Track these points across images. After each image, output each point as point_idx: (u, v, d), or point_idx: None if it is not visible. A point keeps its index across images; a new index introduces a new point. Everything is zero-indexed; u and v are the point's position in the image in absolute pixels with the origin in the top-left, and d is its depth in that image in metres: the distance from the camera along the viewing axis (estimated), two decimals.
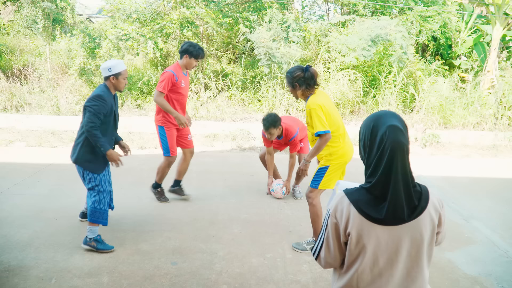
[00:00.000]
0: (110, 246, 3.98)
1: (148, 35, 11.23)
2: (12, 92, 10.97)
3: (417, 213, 1.60)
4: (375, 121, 1.64)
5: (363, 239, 1.62)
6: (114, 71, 3.93)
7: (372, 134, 1.63)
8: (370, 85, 11.64)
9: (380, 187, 1.58)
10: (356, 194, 1.65)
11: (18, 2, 14.43)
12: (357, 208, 1.61)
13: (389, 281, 1.65)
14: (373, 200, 1.61)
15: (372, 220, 1.59)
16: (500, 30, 11.50)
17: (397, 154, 1.55)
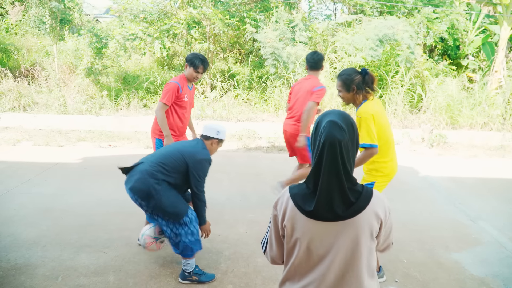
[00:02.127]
0: (212, 275, 3.63)
1: (155, 35, 11.26)
2: (20, 92, 11.05)
3: (354, 211, 1.57)
4: (322, 117, 1.64)
5: (296, 231, 1.62)
6: (221, 137, 3.64)
7: (315, 131, 1.63)
8: (377, 85, 11.58)
9: (312, 181, 1.58)
10: (296, 189, 1.65)
11: (25, 2, 14.53)
12: (293, 201, 1.62)
13: (323, 278, 1.62)
14: (308, 194, 1.60)
15: (303, 212, 1.59)
16: (508, 30, 11.43)
17: (328, 148, 1.53)
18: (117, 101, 11.27)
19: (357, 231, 1.58)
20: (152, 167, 3.33)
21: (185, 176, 3.44)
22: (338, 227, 1.58)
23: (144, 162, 3.42)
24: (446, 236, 4.66)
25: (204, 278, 3.54)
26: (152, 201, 3.27)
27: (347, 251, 1.59)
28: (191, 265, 3.51)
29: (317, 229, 1.59)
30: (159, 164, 3.35)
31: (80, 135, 8.66)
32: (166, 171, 3.34)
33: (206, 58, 4.54)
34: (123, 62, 12.21)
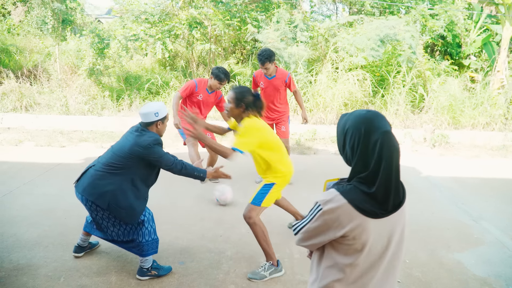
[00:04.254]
0: (168, 267, 3.69)
1: (157, 35, 11.27)
2: (22, 92, 11.07)
3: (402, 204, 1.71)
4: (366, 124, 1.68)
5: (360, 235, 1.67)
6: (161, 115, 3.49)
7: (364, 138, 1.66)
8: (378, 85, 11.59)
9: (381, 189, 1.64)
10: (351, 193, 1.68)
11: (28, 3, 14.56)
12: (354, 206, 1.65)
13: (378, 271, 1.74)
14: (370, 199, 1.65)
15: (368, 214, 1.64)
16: (510, 30, 11.41)
17: (394, 159, 1.65)
18: (119, 102, 11.28)
19: (404, 218, 1.76)
20: (102, 169, 3.32)
21: (143, 167, 3.38)
22: (392, 220, 1.70)
23: (95, 165, 3.42)
24: (448, 236, 4.65)
25: (162, 272, 3.60)
26: (105, 203, 3.26)
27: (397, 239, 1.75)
28: (148, 260, 3.54)
29: (377, 228, 1.68)
30: (109, 164, 3.32)
31: (82, 136, 8.67)
32: (118, 169, 3.30)
33: (228, 73, 5.50)
34: (125, 63, 12.22)
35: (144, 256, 3.49)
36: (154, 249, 3.55)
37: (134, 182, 3.36)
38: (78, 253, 3.89)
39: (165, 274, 3.61)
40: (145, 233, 3.47)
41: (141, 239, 3.45)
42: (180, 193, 5.55)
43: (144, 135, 3.35)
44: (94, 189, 3.28)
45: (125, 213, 3.32)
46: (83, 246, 3.90)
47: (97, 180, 3.30)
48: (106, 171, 3.30)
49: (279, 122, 6.14)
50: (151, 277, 3.54)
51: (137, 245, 3.46)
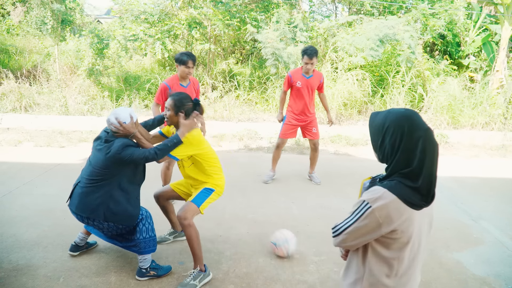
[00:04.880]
0: (168, 266, 3.69)
1: (156, 35, 11.27)
2: (21, 93, 11.07)
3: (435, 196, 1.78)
4: (409, 122, 1.73)
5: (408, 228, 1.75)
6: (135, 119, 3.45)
7: (408, 135, 1.72)
8: (377, 84, 11.60)
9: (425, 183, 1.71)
10: (398, 189, 1.72)
11: (27, 3, 14.55)
12: (403, 200, 1.70)
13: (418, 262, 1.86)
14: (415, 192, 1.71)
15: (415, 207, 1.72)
16: (509, 30, 11.43)
17: (436, 154, 1.73)
18: (119, 102, 11.28)
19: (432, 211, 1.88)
20: (87, 185, 3.30)
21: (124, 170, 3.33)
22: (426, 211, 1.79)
23: (80, 181, 3.40)
24: (447, 236, 4.65)
25: (161, 271, 3.59)
26: (101, 216, 3.27)
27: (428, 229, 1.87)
28: (147, 260, 3.54)
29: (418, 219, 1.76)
30: (91, 179, 3.29)
31: (81, 136, 8.67)
32: (101, 181, 3.27)
33: (191, 53, 5.03)
34: (124, 63, 12.22)
35: (143, 253, 3.49)
36: (152, 247, 3.55)
37: (122, 186, 3.34)
38: (74, 252, 3.89)
39: (165, 274, 3.60)
40: (142, 229, 3.48)
41: (138, 236, 3.46)
42: None
43: (112, 144, 3.26)
44: (86, 206, 3.29)
45: (122, 218, 3.35)
46: (79, 245, 3.90)
47: (86, 197, 3.30)
48: (91, 186, 3.29)
49: (310, 123, 6.09)
50: (150, 277, 3.54)
51: (135, 242, 3.47)
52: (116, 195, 3.32)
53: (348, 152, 8.41)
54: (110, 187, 3.30)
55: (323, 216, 5.10)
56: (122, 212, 3.33)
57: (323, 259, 4.01)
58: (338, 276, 3.75)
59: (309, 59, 5.64)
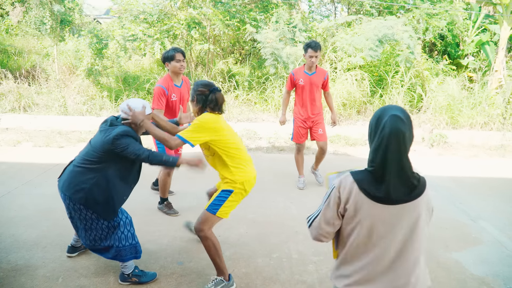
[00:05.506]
0: (153, 274, 3.58)
1: (155, 36, 11.26)
2: (20, 93, 11.06)
3: (415, 194, 1.78)
4: (381, 112, 1.82)
5: (359, 214, 1.80)
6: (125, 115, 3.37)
7: (377, 123, 1.80)
8: (377, 85, 11.60)
9: (379, 169, 1.76)
10: (360, 175, 1.83)
11: (26, 4, 14.54)
12: (359, 186, 1.79)
13: (381, 257, 1.82)
14: (374, 180, 1.78)
15: (370, 197, 1.78)
16: (508, 30, 11.44)
17: (393, 140, 1.72)
18: (118, 102, 11.27)
19: (417, 213, 1.80)
20: (80, 164, 3.27)
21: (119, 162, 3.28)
22: (400, 209, 1.78)
23: (73, 160, 3.38)
24: (446, 236, 4.66)
25: (145, 278, 3.49)
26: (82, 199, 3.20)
27: (406, 233, 1.80)
28: (128, 267, 3.45)
29: (381, 212, 1.78)
30: (86, 159, 3.26)
31: (80, 136, 8.66)
32: (94, 163, 3.23)
33: (176, 46, 4.61)
34: (123, 63, 12.21)
35: (125, 261, 3.41)
36: (132, 254, 3.43)
37: (112, 179, 3.28)
38: (71, 253, 3.89)
39: (148, 281, 3.50)
40: (121, 237, 3.36)
41: (118, 244, 3.34)
42: (179, 193, 5.55)
43: (115, 128, 3.24)
44: (72, 184, 3.23)
45: (101, 208, 3.25)
46: (76, 246, 3.89)
47: (74, 176, 3.25)
48: (84, 166, 3.24)
49: (316, 124, 5.90)
50: (131, 283, 3.46)
51: (114, 250, 3.36)
52: (104, 184, 3.23)
53: (347, 152, 8.41)
54: (101, 174, 3.23)
55: None
56: (103, 201, 3.23)
57: (322, 259, 4.01)
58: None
59: (314, 52, 5.48)
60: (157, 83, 4.72)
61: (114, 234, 3.36)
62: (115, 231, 3.36)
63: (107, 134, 3.22)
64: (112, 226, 3.34)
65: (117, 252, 3.37)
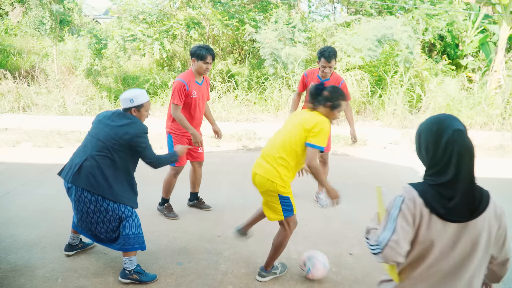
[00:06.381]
0: (153, 275, 3.59)
1: (155, 36, 11.26)
2: (19, 93, 11.05)
3: (477, 213, 1.69)
4: (438, 124, 1.73)
5: (431, 233, 1.70)
6: (137, 103, 3.49)
7: (437, 137, 1.71)
8: (376, 85, 11.61)
9: (449, 186, 1.68)
10: (422, 188, 1.73)
11: (26, 4, 14.54)
12: (424, 201, 1.69)
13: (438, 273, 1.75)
14: (439, 196, 1.69)
15: (438, 215, 1.68)
16: (507, 30, 11.45)
17: (465, 157, 1.66)
18: (117, 102, 11.26)
19: (478, 231, 1.70)
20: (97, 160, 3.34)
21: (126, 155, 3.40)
22: (462, 228, 1.69)
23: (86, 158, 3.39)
24: None
25: (144, 278, 3.50)
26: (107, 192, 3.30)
27: (465, 250, 1.71)
28: (132, 263, 3.48)
29: (444, 230, 1.69)
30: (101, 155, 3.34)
31: (79, 136, 8.66)
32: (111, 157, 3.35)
33: (210, 47, 4.53)
34: (122, 63, 12.21)
35: (129, 250, 3.43)
36: (139, 244, 3.48)
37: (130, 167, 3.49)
38: (69, 251, 3.89)
39: (147, 281, 3.50)
40: (132, 225, 3.43)
41: (127, 231, 3.40)
42: (178, 193, 5.54)
43: (135, 123, 3.42)
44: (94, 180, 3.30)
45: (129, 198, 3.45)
46: (73, 245, 3.90)
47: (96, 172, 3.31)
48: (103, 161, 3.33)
49: None
50: (131, 281, 3.47)
51: (122, 239, 3.40)
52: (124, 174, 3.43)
53: (346, 152, 8.41)
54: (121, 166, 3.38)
55: (321, 216, 5.11)
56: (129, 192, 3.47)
57: None
58: (337, 276, 3.76)
59: (327, 62, 4.96)
60: (178, 77, 4.52)
61: (125, 222, 3.43)
62: (126, 219, 3.43)
63: (129, 127, 3.37)
64: (124, 216, 3.41)
65: (124, 241, 3.41)
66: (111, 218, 3.38)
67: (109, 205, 3.34)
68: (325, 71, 5.04)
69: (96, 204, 3.34)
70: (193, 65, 4.55)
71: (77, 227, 3.69)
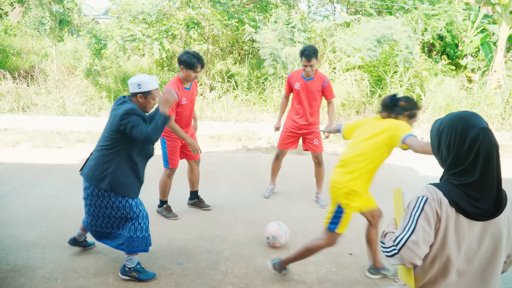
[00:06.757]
0: (153, 273, 3.58)
1: (154, 36, 11.27)
2: (19, 93, 11.04)
3: (500, 211, 1.65)
4: (462, 122, 1.67)
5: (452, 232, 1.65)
6: (144, 89, 3.37)
7: (461, 135, 1.65)
8: (376, 85, 11.61)
9: (476, 188, 1.63)
10: (446, 188, 1.68)
11: (25, 4, 14.54)
12: (449, 200, 1.64)
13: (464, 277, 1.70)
14: (465, 196, 1.64)
15: (465, 214, 1.63)
16: (507, 30, 11.45)
17: (494, 156, 1.62)
18: None
19: (500, 228, 1.67)
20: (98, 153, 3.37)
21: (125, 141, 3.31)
22: (486, 226, 1.66)
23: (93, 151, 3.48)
24: None
25: (143, 276, 3.50)
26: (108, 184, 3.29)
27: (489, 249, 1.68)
28: (132, 261, 3.49)
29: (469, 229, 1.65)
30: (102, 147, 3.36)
31: (79, 137, 8.65)
32: (111, 148, 3.31)
33: (199, 55, 4.47)
34: (122, 63, 12.21)
35: (132, 252, 3.44)
36: (143, 247, 3.47)
37: (134, 156, 3.38)
38: (71, 244, 3.91)
39: (146, 279, 3.50)
40: (137, 228, 3.42)
41: (132, 234, 3.40)
42: (177, 193, 5.54)
43: (122, 107, 3.29)
44: (96, 173, 3.32)
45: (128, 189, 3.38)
46: (78, 240, 3.92)
47: (97, 165, 3.33)
48: (103, 153, 3.33)
49: (311, 134, 5.42)
50: (130, 278, 3.49)
51: (127, 240, 3.41)
52: (126, 165, 3.35)
53: None
54: (121, 156, 3.32)
55: (321, 217, 5.09)
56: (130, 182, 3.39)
57: (321, 259, 4.01)
58: (336, 276, 3.76)
59: (307, 61, 5.01)
60: (167, 88, 4.27)
61: (131, 224, 3.41)
62: (131, 221, 3.42)
63: (115, 113, 3.28)
64: (131, 217, 3.41)
65: (129, 242, 3.41)
66: (116, 216, 3.41)
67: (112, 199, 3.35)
68: (306, 70, 5.10)
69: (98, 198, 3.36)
70: (182, 73, 4.48)
71: (87, 226, 3.68)
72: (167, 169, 4.83)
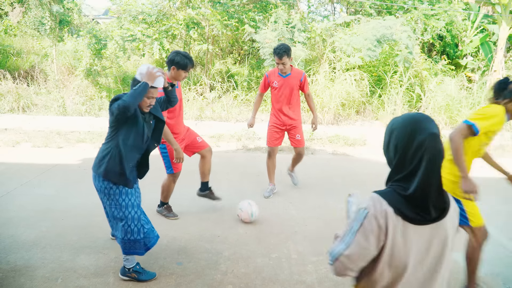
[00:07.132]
0: (153, 273, 3.59)
1: (154, 36, 11.27)
2: (19, 93, 11.05)
3: (444, 214, 1.64)
4: (413, 125, 1.62)
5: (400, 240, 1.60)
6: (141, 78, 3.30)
7: (409, 138, 1.61)
8: (375, 85, 11.62)
9: (418, 191, 1.58)
10: (390, 196, 1.62)
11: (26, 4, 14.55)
12: (394, 209, 1.59)
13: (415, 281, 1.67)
14: (407, 202, 1.60)
15: (409, 220, 1.59)
16: (507, 30, 11.46)
17: (437, 163, 1.59)
18: None
19: (446, 230, 1.65)
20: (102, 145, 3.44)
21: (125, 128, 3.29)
22: (432, 229, 1.63)
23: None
24: None
25: (143, 276, 3.50)
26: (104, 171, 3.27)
27: (437, 251, 1.66)
28: (130, 261, 3.48)
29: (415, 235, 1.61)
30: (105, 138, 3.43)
31: (79, 136, 8.66)
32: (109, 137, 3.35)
33: (190, 55, 4.44)
34: (122, 63, 12.22)
35: (124, 253, 3.43)
36: (134, 250, 3.42)
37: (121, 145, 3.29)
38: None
39: (146, 279, 3.50)
40: (128, 230, 3.36)
41: (123, 236, 3.36)
42: (178, 193, 5.55)
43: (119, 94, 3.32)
44: (96, 160, 3.35)
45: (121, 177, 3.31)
46: None
47: (98, 154, 3.39)
48: (104, 143, 3.40)
49: (293, 129, 5.59)
50: (130, 278, 3.49)
51: (121, 241, 3.41)
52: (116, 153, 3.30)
53: (346, 152, 8.42)
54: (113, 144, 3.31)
55: (321, 216, 5.11)
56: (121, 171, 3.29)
57: (321, 259, 4.01)
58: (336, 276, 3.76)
59: (279, 59, 5.16)
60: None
61: (121, 226, 3.38)
62: (121, 222, 3.38)
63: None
64: (120, 218, 3.36)
65: (122, 243, 3.41)
66: (109, 210, 3.40)
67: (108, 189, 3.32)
68: (279, 68, 5.26)
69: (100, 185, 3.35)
70: (172, 73, 4.39)
71: None
72: (171, 175, 4.78)
